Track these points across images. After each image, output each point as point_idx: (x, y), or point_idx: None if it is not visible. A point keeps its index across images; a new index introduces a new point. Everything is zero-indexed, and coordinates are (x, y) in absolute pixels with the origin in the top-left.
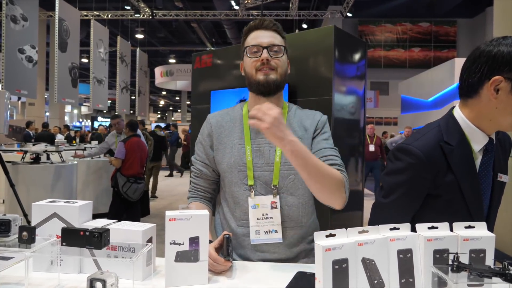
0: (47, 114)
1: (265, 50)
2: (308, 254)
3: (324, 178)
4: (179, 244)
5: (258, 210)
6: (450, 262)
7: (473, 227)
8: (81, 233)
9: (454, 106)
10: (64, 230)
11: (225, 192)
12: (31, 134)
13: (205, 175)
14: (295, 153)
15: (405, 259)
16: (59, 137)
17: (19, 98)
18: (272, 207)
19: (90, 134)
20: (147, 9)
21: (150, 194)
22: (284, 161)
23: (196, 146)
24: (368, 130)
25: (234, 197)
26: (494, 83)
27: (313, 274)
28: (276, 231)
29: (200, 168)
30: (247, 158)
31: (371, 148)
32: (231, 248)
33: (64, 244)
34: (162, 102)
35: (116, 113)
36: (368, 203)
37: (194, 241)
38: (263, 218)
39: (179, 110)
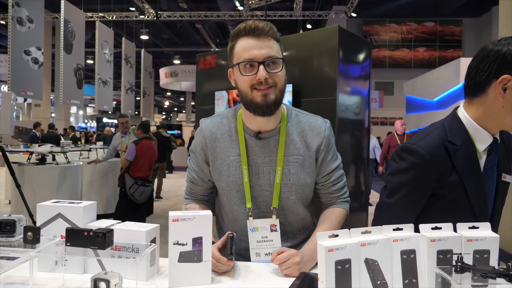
0: (53, 115)
1: (261, 67)
2: None
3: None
4: (183, 244)
5: (258, 233)
6: (454, 263)
7: (477, 227)
8: (85, 233)
9: (458, 106)
10: (68, 231)
11: (223, 207)
12: (38, 135)
13: (199, 182)
14: (314, 261)
15: (409, 260)
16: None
17: (25, 100)
18: (272, 230)
19: (95, 135)
20: (152, 10)
21: (154, 194)
22: (285, 182)
23: (191, 153)
24: (398, 128)
25: (235, 215)
26: (503, 82)
27: (316, 275)
28: None
29: (195, 176)
30: (244, 179)
31: None
32: (234, 248)
33: (68, 244)
34: (167, 103)
35: (123, 113)
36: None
37: (197, 241)
38: (263, 241)
39: (183, 111)
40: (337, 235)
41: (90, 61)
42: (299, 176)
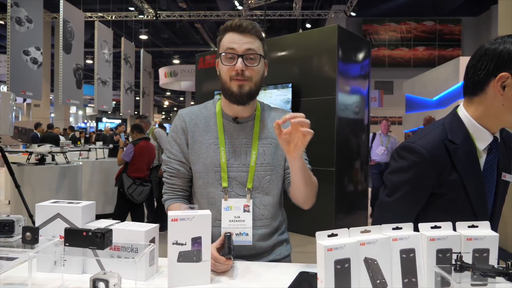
0: (52, 115)
1: (240, 59)
2: (282, 244)
3: (314, 185)
4: (182, 244)
5: (231, 213)
6: (453, 262)
7: (477, 226)
8: (84, 233)
9: (459, 105)
10: (67, 231)
11: (196, 193)
12: (39, 136)
13: (182, 174)
14: (303, 167)
15: (408, 259)
16: (61, 139)
17: (24, 100)
18: (244, 210)
19: (94, 135)
20: (151, 10)
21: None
22: (260, 162)
23: (169, 144)
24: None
25: (210, 198)
26: (501, 80)
27: (315, 274)
28: (247, 234)
29: (177, 167)
30: (221, 159)
31: None
32: (232, 246)
33: (67, 244)
34: (166, 103)
35: (142, 114)
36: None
37: (196, 241)
38: (235, 221)
39: None
40: (336, 234)
41: (89, 61)
42: (274, 157)
